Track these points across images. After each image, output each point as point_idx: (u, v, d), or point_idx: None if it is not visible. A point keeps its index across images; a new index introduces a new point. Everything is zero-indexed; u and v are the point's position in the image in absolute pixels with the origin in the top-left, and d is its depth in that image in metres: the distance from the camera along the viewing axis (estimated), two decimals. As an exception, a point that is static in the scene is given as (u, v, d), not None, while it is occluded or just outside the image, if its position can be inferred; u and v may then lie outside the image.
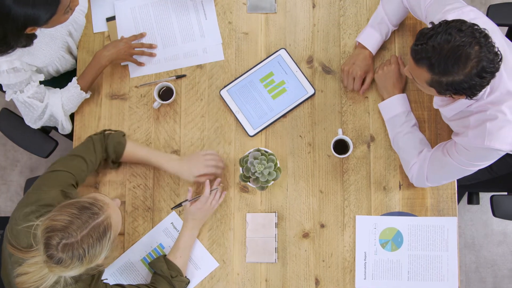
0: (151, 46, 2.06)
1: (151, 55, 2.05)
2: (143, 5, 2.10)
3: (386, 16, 1.94)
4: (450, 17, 1.58)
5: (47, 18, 1.63)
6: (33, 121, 1.96)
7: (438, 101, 1.73)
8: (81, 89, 1.95)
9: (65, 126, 2.00)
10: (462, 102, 1.62)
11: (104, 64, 1.96)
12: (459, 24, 1.47)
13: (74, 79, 1.96)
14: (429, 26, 1.52)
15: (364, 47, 1.97)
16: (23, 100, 1.87)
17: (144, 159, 1.93)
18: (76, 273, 1.46)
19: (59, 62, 2.00)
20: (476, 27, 1.48)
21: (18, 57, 1.78)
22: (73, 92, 1.94)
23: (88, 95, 2.00)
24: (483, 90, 1.56)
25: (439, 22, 1.50)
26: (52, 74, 2.06)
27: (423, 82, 1.56)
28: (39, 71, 1.96)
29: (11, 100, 1.90)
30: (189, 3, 2.10)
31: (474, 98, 1.55)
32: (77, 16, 1.99)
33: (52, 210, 1.46)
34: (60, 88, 1.97)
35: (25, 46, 1.75)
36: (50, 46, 1.90)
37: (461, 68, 1.45)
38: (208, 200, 1.88)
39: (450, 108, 1.68)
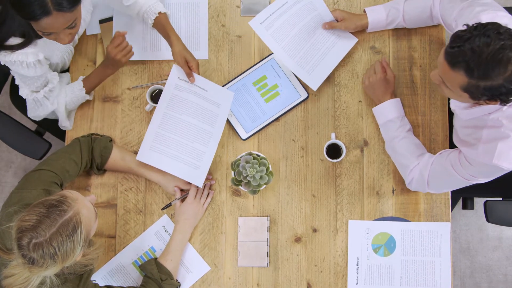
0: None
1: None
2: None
3: (402, 11, 1.93)
4: (483, 19, 1.54)
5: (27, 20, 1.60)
6: (37, 116, 1.96)
7: (458, 103, 1.68)
8: (86, 92, 1.95)
9: (64, 124, 2.00)
10: (484, 109, 1.58)
11: (109, 72, 1.94)
12: (497, 27, 1.42)
13: (80, 80, 1.95)
14: (463, 28, 1.47)
15: (365, 15, 1.97)
16: (36, 98, 1.88)
17: (128, 166, 1.94)
18: (55, 271, 1.45)
19: (67, 57, 2.00)
20: None
21: (41, 49, 1.77)
22: (77, 93, 1.94)
23: (90, 97, 1.99)
24: None
25: (474, 25, 1.45)
26: (60, 69, 2.05)
27: (456, 87, 1.49)
28: (51, 66, 1.96)
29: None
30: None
31: (509, 104, 1.50)
32: (85, 14, 1.97)
33: (24, 211, 1.45)
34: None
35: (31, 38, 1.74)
36: None
37: (501, 72, 1.40)
38: (197, 195, 1.92)
39: (469, 112, 1.63)
